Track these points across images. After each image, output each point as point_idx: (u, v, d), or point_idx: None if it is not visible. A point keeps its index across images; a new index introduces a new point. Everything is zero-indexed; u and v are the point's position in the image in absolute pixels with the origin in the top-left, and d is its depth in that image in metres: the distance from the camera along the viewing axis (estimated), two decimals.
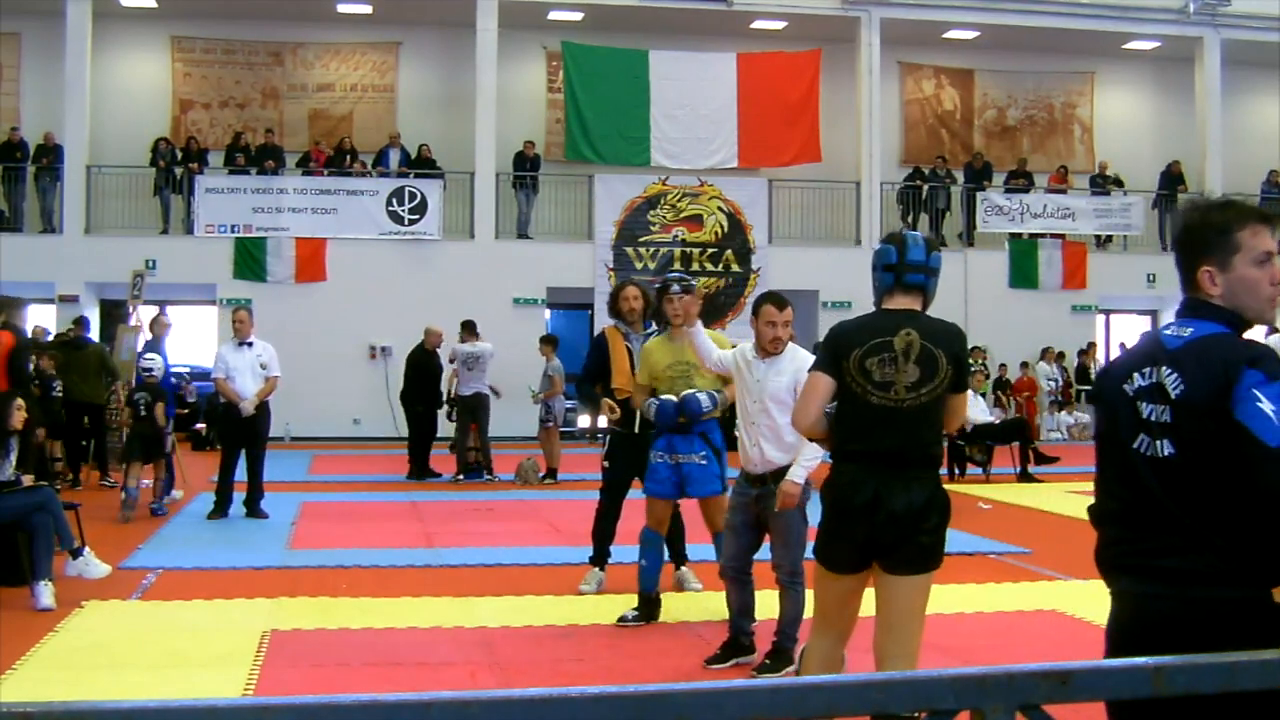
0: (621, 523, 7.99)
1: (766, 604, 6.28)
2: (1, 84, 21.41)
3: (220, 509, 11.23)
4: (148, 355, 11.94)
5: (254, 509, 11.28)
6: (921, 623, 4.29)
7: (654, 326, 8.19)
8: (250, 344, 11.41)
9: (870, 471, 4.12)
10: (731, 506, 6.14)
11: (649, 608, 7.07)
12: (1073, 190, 23.31)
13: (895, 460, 4.13)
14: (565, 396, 15.41)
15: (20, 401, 8.13)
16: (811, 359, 4.70)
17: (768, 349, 5.80)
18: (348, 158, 21.13)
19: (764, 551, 6.09)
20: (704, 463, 6.96)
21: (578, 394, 9.18)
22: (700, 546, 7.95)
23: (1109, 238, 23.35)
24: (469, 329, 14.90)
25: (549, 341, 15.15)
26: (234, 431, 11.41)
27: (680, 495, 7.14)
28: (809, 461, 5.51)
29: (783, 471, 5.65)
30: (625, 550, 8.35)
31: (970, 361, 4.98)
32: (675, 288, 6.88)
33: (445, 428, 15.67)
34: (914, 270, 4.32)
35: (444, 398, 15.21)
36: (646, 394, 7.07)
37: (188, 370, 21.43)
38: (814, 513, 4.66)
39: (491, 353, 14.83)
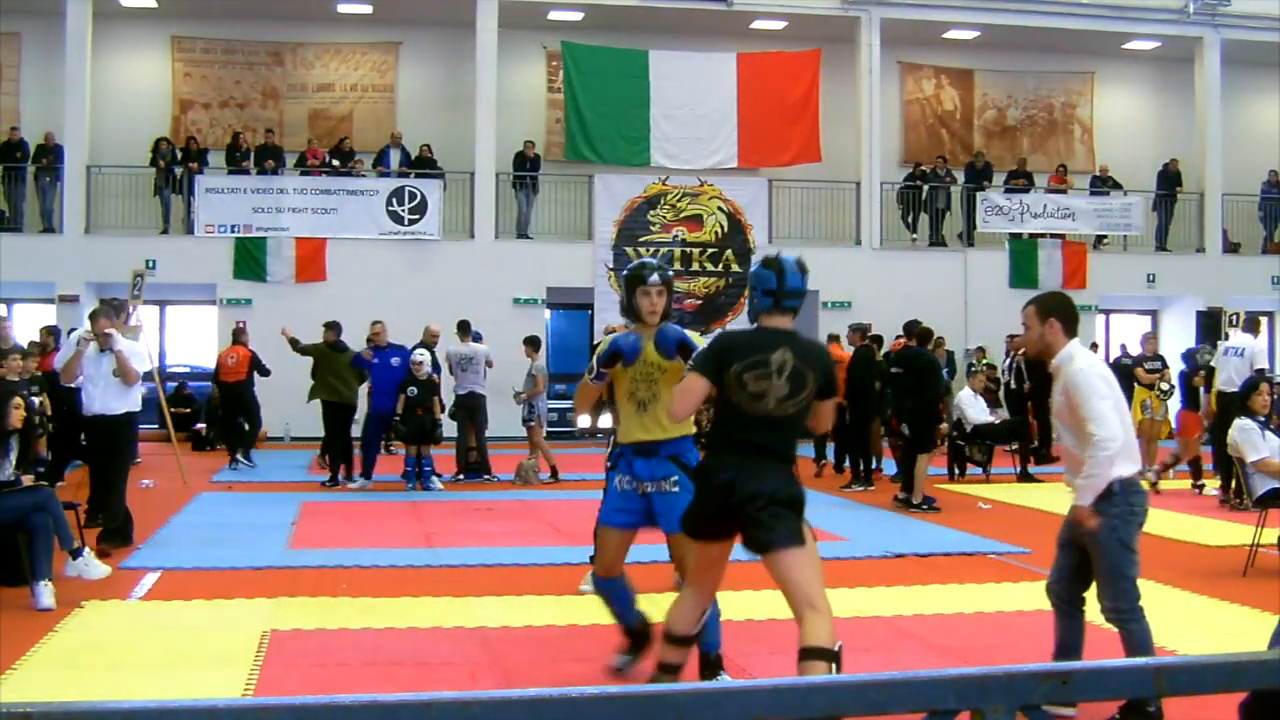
0: None
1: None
2: (1, 84, 21.41)
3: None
4: (419, 351, 14.06)
5: (110, 537, 9.21)
6: (804, 585, 4.61)
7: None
8: (113, 350, 9.40)
9: (731, 459, 4.69)
10: (1065, 520, 5.45)
11: (638, 640, 5.97)
12: (1073, 190, 23.31)
13: (755, 452, 4.67)
14: (549, 396, 15.45)
15: (18, 400, 8.10)
16: (1086, 365, 5.15)
17: None
18: (335, 158, 21.09)
19: None
20: (675, 490, 5.54)
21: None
22: None
23: (1104, 237, 23.34)
24: (462, 329, 14.99)
25: (531, 342, 15.15)
26: (93, 445, 9.65)
27: (642, 525, 5.77)
28: (1089, 480, 5.07)
29: (1098, 497, 5.14)
30: None
31: (973, 362, 5.00)
32: (654, 277, 5.69)
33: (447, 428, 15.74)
34: (792, 297, 4.78)
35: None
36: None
37: (187, 369, 21.51)
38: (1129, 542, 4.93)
39: (486, 354, 14.84)
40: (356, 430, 14.45)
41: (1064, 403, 5.20)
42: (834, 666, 4.50)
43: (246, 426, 16.17)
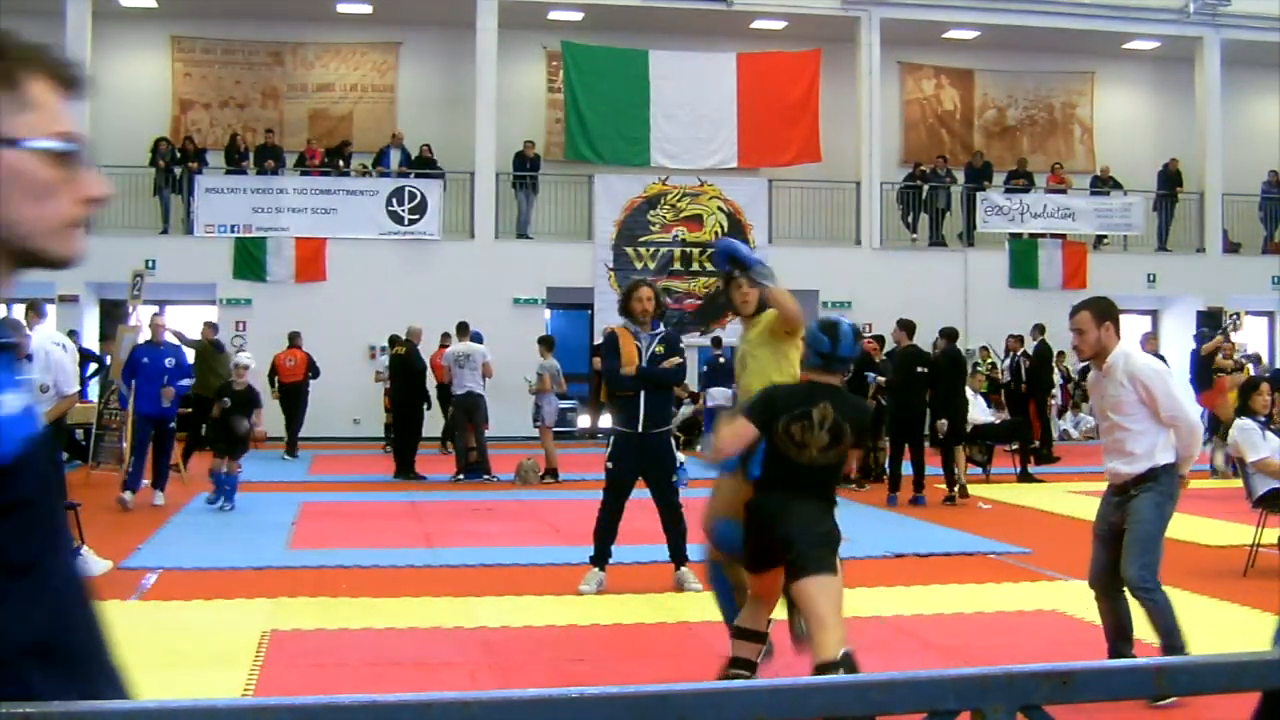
0: (622, 523, 8.00)
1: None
2: None
3: None
4: (244, 355, 13.18)
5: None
6: (818, 605, 4.95)
7: (661, 328, 8.18)
8: (30, 358, 8.39)
9: (776, 497, 5.10)
10: (1098, 514, 5.86)
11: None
12: (1073, 190, 23.31)
13: (798, 493, 5.08)
14: (559, 396, 15.59)
15: None
16: (1149, 361, 5.70)
17: None
18: (335, 158, 21.10)
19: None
20: None
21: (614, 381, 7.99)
22: (700, 547, 7.94)
23: (1104, 237, 23.34)
24: (461, 330, 15.16)
25: (545, 342, 15.44)
26: None
27: None
28: (1189, 459, 5.67)
29: (1144, 477, 5.54)
30: (626, 550, 8.37)
31: (979, 361, 5.27)
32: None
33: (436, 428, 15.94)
34: (841, 363, 5.23)
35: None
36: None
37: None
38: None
39: (484, 354, 14.92)
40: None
41: (1127, 394, 5.57)
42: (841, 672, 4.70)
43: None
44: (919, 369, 13.09)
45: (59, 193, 1.45)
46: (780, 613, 5.65)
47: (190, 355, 13.94)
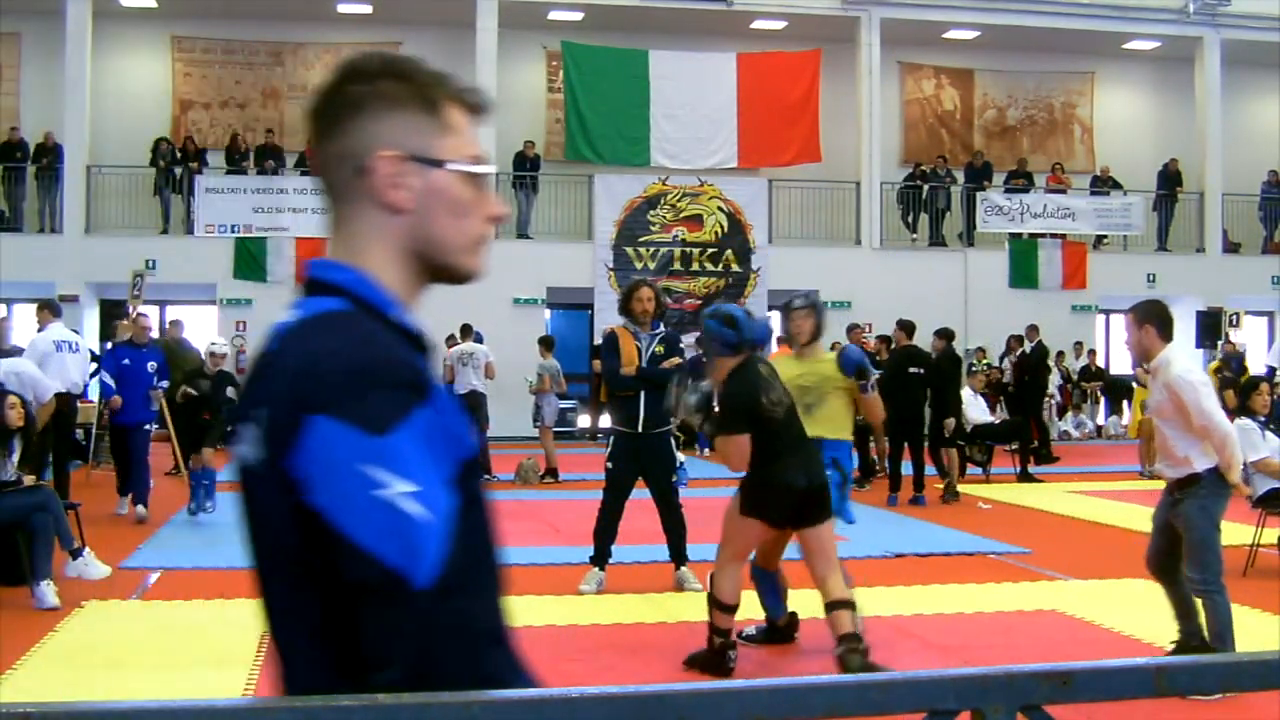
0: (622, 523, 8.00)
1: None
2: (1, 84, 21.42)
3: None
4: (217, 342, 12.13)
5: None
6: (833, 550, 5.90)
7: (661, 328, 8.19)
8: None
9: (790, 461, 5.79)
10: (1158, 503, 6.19)
11: (776, 633, 6.68)
12: (1073, 190, 23.31)
13: (798, 445, 5.87)
14: (559, 396, 15.65)
15: (13, 400, 8.06)
16: (1183, 371, 5.80)
17: None
18: None
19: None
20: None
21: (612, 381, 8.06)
22: (700, 547, 7.95)
23: (1104, 237, 23.36)
24: (464, 331, 15.31)
25: (545, 342, 15.58)
26: None
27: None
28: (1230, 467, 5.82)
29: (1187, 482, 5.81)
30: (626, 550, 8.37)
31: (974, 362, 5.58)
32: (796, 301, 7.02)
33: None
34: (753, 345, 5.93)
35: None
36: None
37: None
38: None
39: (486, 354, 14.96)
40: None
41: (1165, 401, 5.84)
42: (856, 612, 5.69)
43: None
44: (911, 369, 13.09)
45: (472, 211, 1.58)
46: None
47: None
